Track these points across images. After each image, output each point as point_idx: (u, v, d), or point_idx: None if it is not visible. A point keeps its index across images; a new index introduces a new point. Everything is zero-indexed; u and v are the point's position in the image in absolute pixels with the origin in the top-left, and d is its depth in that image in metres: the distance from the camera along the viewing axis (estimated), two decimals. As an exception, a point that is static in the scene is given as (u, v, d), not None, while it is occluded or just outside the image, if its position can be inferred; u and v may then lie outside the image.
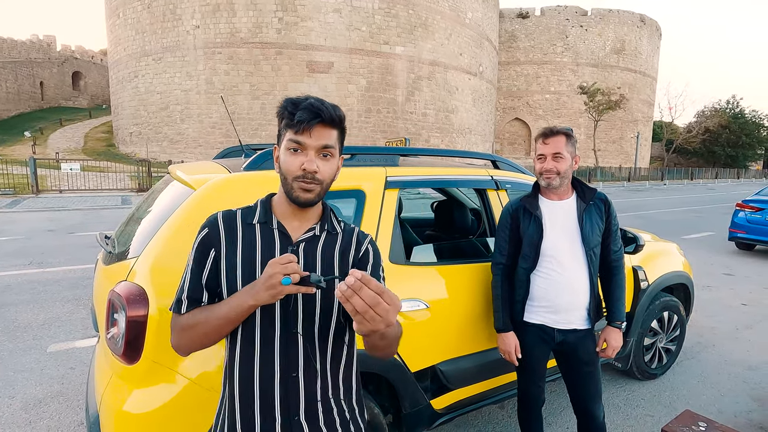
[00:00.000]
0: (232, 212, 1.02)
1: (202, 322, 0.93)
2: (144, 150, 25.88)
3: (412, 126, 28.12)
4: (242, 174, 1.73)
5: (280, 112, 0.95)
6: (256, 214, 1.01)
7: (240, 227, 1.00)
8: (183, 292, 0.98)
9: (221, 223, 1.00)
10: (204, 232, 1.00)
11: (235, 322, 0.92)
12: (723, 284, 5.77)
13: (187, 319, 0.96)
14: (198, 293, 0.98)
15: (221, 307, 0.92)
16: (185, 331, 0.95)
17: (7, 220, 9.86)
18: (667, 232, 9.58)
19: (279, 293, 0.84)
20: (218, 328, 0.92)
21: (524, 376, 1.98)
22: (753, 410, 2.79)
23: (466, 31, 30.90)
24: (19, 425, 2.49)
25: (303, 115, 0.91)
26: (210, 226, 1.01)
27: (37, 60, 41.80)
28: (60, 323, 3.94)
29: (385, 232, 1.92)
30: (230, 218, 1.01)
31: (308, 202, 0.96)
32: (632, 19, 43.69)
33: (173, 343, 0.98)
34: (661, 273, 2.96)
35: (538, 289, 1.84)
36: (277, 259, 0.86)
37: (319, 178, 0.94)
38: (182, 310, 0.97)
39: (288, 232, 1.00)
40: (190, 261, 1.00)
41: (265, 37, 24.47)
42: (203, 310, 0.95)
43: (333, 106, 0.94)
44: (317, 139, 0.93)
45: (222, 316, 0.91)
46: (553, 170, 1.74)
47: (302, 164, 0.93)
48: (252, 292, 0.87)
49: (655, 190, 26.84)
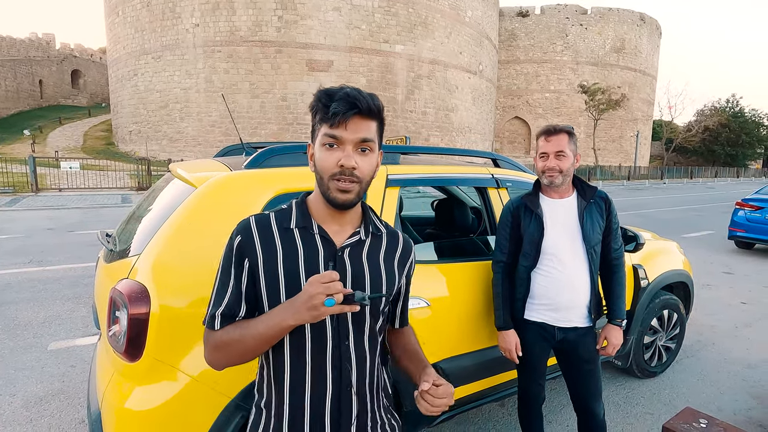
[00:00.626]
0: (265, 216, 0.94)
1: (237, 341, 0.86)
2: (143, 148, 25.86)
3: (411, 124, 28.11)
4: (243, 172, 1.73)
5: (314, 106, 0.87)
6: (292, 218, 0.93)
7: (277, 233, 0.92)
8: (218, 307, 0.90)
9: (255, 228, 0.92)
10: (237, 240, 0.91)
11: (273, 341, 0.86)
12: (722, 283, 5.78)
13: (221, 336, 0.88)
14: (234, 308, 0.90)
15: (257, 325, 0.85)
16: (220, 350, 0.88)
17: (7, 218, 9.86)
18: (666, 230, 9.59)
19: (321, 315, 0.79)
20: (255, 347, 0.86)
21: (525, 374, 1.98)
22: (752, 408, 2.80)
23: (466, 30, 30.87)
24: (20, 423, 2.49)
25: (338, 107, 0.83)
26: (243, 232, 0.92)
27: (36, 58, 41.73)
28: (60, 321, 3.94)
29: (386, 230, 1.92)
30: (264, 223, 0.93)
31: (347, 203, 0.88)
32: (632, 17, 43.66)
33: (207, 359, 0.91)
34: (661, 271, 2.97)
35: (539, 287, 1.84)
36: (318, 278, 0.79)
37: (358, 176, 0.87)
38: (216, 326, 0.89)
39: (329, 236, 0.92)
40: (222, 273, 0.92)
41: (265, 35, 24.44)
42: (238, 327, 0.87)
43: (371, 96, 0.87)
44: (354, 132, 0.85)
45: (259, 335, 0.84)
46: (556, 168, 1.74)
47: (339, 160, 0.85)
48: (292, 310, 0.81)
49: (654, 188, 26.85)
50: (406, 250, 1.03)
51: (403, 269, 1.02)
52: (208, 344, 0.91)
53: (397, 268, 1.00)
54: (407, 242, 1.04)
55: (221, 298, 0.90)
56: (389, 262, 0.98)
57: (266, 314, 0.86)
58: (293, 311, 0.81)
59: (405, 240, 1.04)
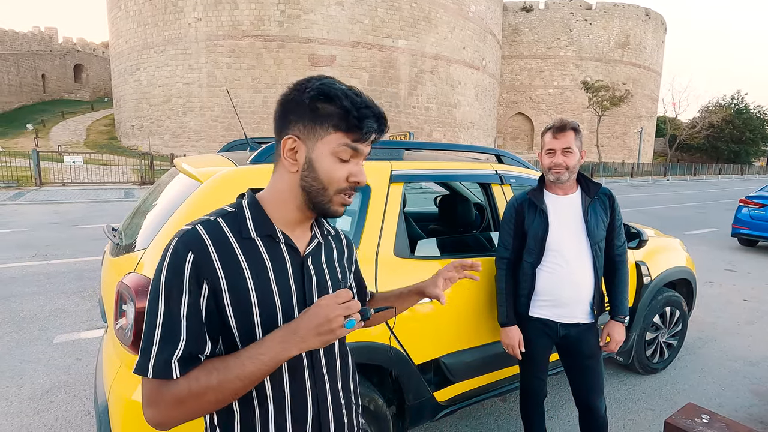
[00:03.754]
0: (214, 223, 0.77)
1: (214, 389, 0.69)
2: (146, 143, 25.89)
3: (414, 120, 28.03)
4: (249, 167, 1.74)
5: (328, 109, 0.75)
6: (249, 225, 0.78)
7: (236, 244, 0.76)
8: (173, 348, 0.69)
9: (208, 241, 0.74)
10: (189, 257, 0.71)
11: (260, 379, 0.71)
12: (725, 280, 5.78)
13: (189, 387, 0.69)
14: (196, 346, 0.71)
15: (245, 363, 0.69)
16: (185, 403, 0.69)
17: (12, 212, 9.90)
18: (669, 227, 9.56)
19: (336, 338, 0.69)
20: (238, 390, 0.70)
21: (527, 370, 1.99)
22: (753, 405, 2.81)
23: (469, 25, 30.68)
24: (27, 414, 2.52)
25: (374, 125, 0.76)
26: (194, 246, 0.72)
27: (38, 52, 41.74)
28: (65, 315, 3.98)
29: (389, 226, 1.93)
30: (217, 233, 0.75)
31: (342, 215, 0.83)
32: (637, 13, 43.31)
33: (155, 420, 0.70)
34: (663, 268, 2.97)
35: (543, 284, 1.85)
36: (333, 299, 0.69)
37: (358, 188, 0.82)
38: (174, 374, 0.69)
39: (295, 244, 0.82)
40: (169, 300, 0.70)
41: (268, 30, 24.35)
42: (211, 371, 0.69)
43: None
44: (367, 146, 0.80)
45: (247, 375, 0.69)
46: (563, 165, 1.74)
47: (353, 176, 0.78)
48: (296, 339, 0.69)
49: (658, 185, 26.75)
50: (350, 247, 0.99)
51: (351, 270, 0.97)
52: (162, 400, 0.69)
53: (347, 269, 0.95)
54: (349, 240, 1.00)
55: (173, 336, 0.69)
56: (341, 263, 0.92)
57: (252, 349, 0.70)
58: (297, 340, 0.69)
59: (348, 238, 0.99)
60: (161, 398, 0.69)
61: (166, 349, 0.70)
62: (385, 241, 1.90)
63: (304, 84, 0.77)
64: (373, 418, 1.83)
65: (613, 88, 34.61)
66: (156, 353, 0.70)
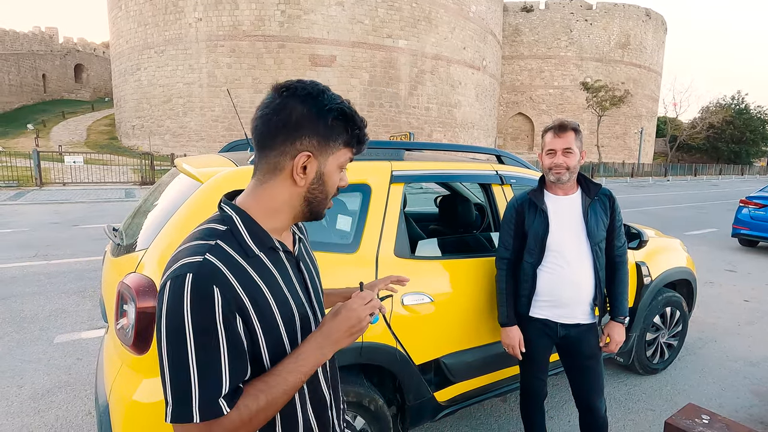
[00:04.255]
0: (219, 249, 0.73)
1: (263, 410, 0.71)
2: (146, 143, 25.90)
3: (414, 120, 28.03)
4: (250, 167, 1.74)
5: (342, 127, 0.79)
6: (247, 241, 0.77)
7: (246, 265, 0.75)
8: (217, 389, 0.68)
9: (226, 271, 0.71)
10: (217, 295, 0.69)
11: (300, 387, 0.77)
12: (725, 280, 5.77)
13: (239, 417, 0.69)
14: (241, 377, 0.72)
15: (287, 379, 0.72)
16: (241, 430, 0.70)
17: (12, 212, 9.91)
18: (670, 228, 9.56)
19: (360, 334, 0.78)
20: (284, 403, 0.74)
21: (527, 370, 1.99)
22: (754, 405, 2.81)
23: (469, 25, 30.69)
24: (28, 414, 2.53)
25: (365, 137, 0.84)
26: (218, 281, 0.70)
27: (39, 52, 41.78)
28: (66, 315, 3.98)
29: (390, 226, 1.93)
30: (228, 259, 0.73)
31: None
32: (637, 13, 43.31)
33: None
34: (664, 269, 2.97)
35: (543, 284, 1.85)
36: (359, 300, 0.77)
37: None
38: (225, 411, 0.68)
39: (288, 248, 0.86)
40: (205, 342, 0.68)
41: (268, 30, 24.36)
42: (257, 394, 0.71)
43: None
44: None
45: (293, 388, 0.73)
46: (563, 165, 1.74)
47: (342, 182, 0.86)
48: (330, 341, 0.75)
49: (658, 186, 26.75)
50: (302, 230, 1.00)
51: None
52: None
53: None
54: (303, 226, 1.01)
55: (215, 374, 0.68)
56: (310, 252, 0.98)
57: (291, 363, 0.73)
58: (333, 342, 0.75)
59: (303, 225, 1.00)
60: None
61: (210, 391, 0.68)
62: (385, 242, 1.90)
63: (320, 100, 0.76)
64: (373, 419, 1.83)
65: (612, 89, 34.58)
66: (198, 397, 0.67)
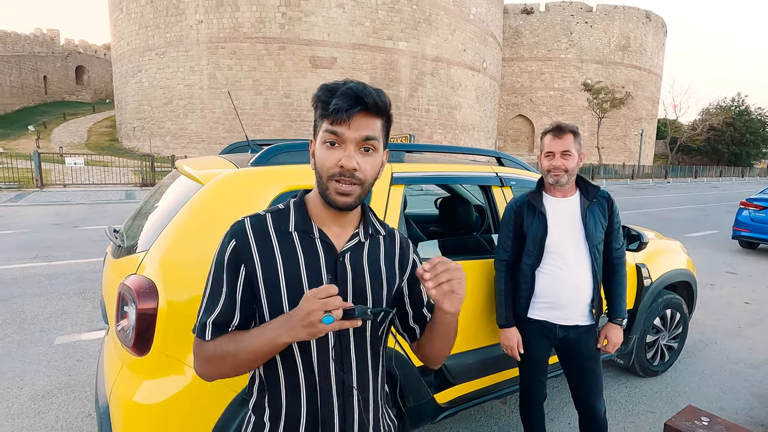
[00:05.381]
0: (261, 217, 0.88)
1: (232, 354, 0.81)
2: (147, 145, 25.93)
3: (415, 122, 28.06)
4: (250, 169, 1.74)
5: (314, 101, 0.82)
6: (291, 220, 0.87)
7: (274, 237, 0.85)
8: (209, 315, 0.83)
9: (250, 232, 0.85)
10: (231, 244, 0.84)
11: (266, 357, 0.81)
12: (726, 282, 5.77)
13: (214, 349, 0.82)
14: (227, 317, 0.84)
15: (252, 340, 0.79)
16: (212, 362, 0.83)
17: (13, 213, 9.92)
18: (670, 230, 9.56)
19: (320, 332, 0.73)
20: (248, 362, 0.81)
21: (526, 372, 1.99)
22: (754, 407, 2.81)
23: (469, 27, 30.74)
24: (28, 415, 2.53)
25: (341, 103, 0.77)
26: (237, 236, 0.85)
27: (40, 54, 41.86)
28: (66, 316, 3.98)
29: (390, 228, 1.93)
30: (261, 226, 0.86)
31: (346, 206, 0.83)
32: (638, 15, 43.37)
33: (197, 370, 0.86)
34: (664, 271, 2.97)
35: (542, 286, 1.85)
36: (314, 293, 0.73)
37: (360, 177, 0.81)
38: (207, 336, 0.83)
39: (330, 240, 0.86)
40: (214, 278, 0.85)
41: (269, 32, 24.41)
42: (231, 340, 0.82)
43: (377, 91, 0.81)
44: (357, 129, 0.79)
45: (253, 351, 0.79)
46: (562, 167, 1.75)
47: (339, 160, 0.79)
48: (287, 326, 0.76)
49: (658, 187, 26.74)
50: (404, 250, 0.97)
51: (404, 272, 0.95)
52: (199, 355, 0.85)
53: (398, 271, 0.94)
54: (405, 242, 0.98)
55: (213, 305, 0.84)
56: (389, 265, 0.92)
57: (261, 328, 0.80)
58: (288, 328, 0.75)
59: (403, 240, 0.98)
60: (198, 354, 0.85)
61: (205, 315, 0.84)
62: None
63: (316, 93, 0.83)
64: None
65: (613, 90, 34.61)
66: (200, 317, 0.85)
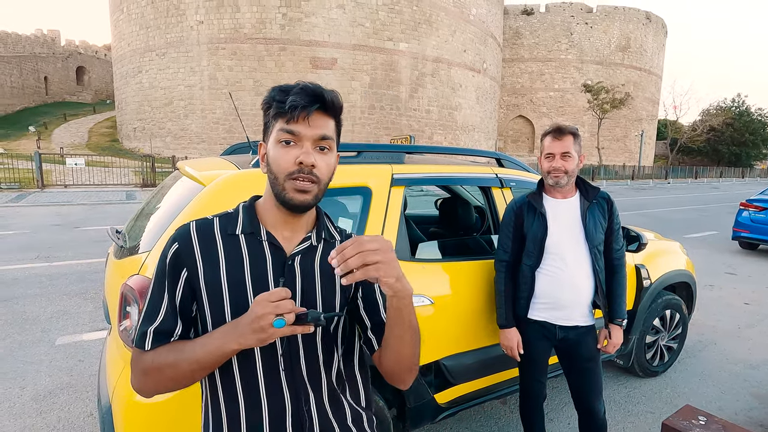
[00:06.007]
0: (208, 221, 0.86)
1: (170, 365, 0.76)
2: (147, 145, 25.96)
3: (415, 123, 28.08)
4: (251, 170, 1.76)
5: (267, 101, 0.81)
6: (238, 223, 0.85)
7: (220, 239, 0.83)
8: (150, 324, 0.79)
9: (194, 235, 0.83)
10: (173, 248, 0.82)
11: (211, 368, 0.76)
12: (726, 283, 5.78)
13: (153, 360, 0.77)
14: (169, 324, 0.80)
15: (195, 348, 0.75)
16: (149, 375, 0.77)
17: (14, 214, 9.94)
18: (670, 230, 9.57)
19: (270, 337, 0.70)
20: (190, 374, 0.76)
21: (526, 372, 2.00)
22: (753, 408, 2.81)
23: (470, 28, 30.77)
24: (30, 415, 2.54)
25: (298, 100, 0.76)
26: (180, 239, 0.82)
27: (41, 55, 41.91)
28: (68, 316, 3.99)
29: (390, 229, 1.95)
30: (206, 229, 0.84)
31: (304, 204, 0.80)
32: (638, 16, 43.39)
33: (134, 385, 0.80)
34: (663, 271, 2.98)
35: (542, 286, 1.86)
36: (266, 296, 0.70)
37: (317, 175, 0.80)
38: (146, 346, 0.78)
39: (279, 243, 0.84)
40: (155, 284, 0.82)
41: (269, 33, 24.44)
42: (171, 350, 0.77)
43: (332, 91, 0.80)
44: (315, 128, 0.79)
45: (196, 360, 0.74)
46: (562, 169, 1.76)
47: (297, 158, 0.78)
48: (235, 333, 0.72)
49: (659, 188, 26.74)
50: None
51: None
52: (136, 368, 0.79)
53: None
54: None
55: (155, 313, 0.80)
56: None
57: (205, 337, 0.76)
58: (236, 334, 0.71)
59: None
60: (135, 366, 0.80)
61: (145, 324, 0.80)
62: (386, 244, 1.91)
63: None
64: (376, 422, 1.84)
65: (613, 91, 34.63)
66: (140, 325, 0.81)
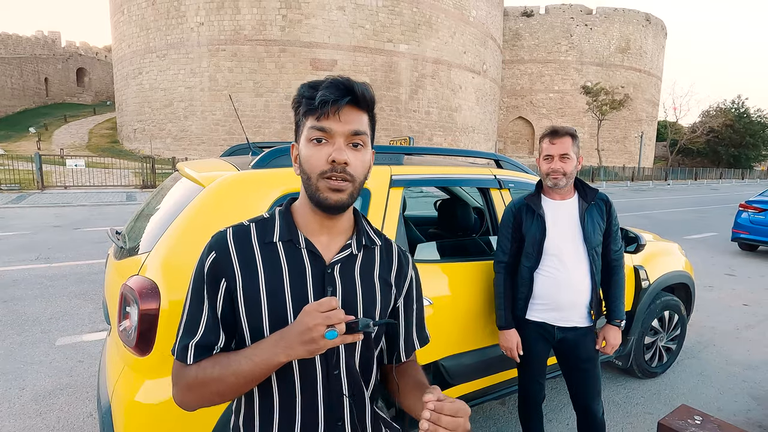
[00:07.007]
0: (244, 228, 0.83)
1: (216, 380, 0.74)
2: (148, 146, 25.98)
3: (415, 124, 28.10)
4: (251, 172, 1.76)
5: (296, 99, 0.78)
6: (275, 230, 0.82)
7: (257, 248, 0.80)
8: (192, 337, 0.77)
9: (232, 243, 0.80)
10: (211, 256, 0.79)
11: (258, 380, 0.74)
12: (725, 284, 5.78)
13: (197, 374, 0.75)
14: (210, 337, 0.77)
15: (241, 362, 0.72)
16: (193, 390, 0.75)
17: (14, 215, 9.94)
18: (669, 232, 9.57)
19: (321, 348, 0.68)
20: (236, 387, 0.74)
21: (525, 373, 2.01)
22: (752, 409, 2.82)
23: (470, 29, 30.82)
24: (30, 416, 2.54)
25: (328, 94, 0.72)
26: (217, 247, 0.80)
27: (41, 56, 41.97)
28: (67, 317, 4.00)
29: (389, 230, 1.95)
30: (243, 237, 0.81)
31: (339, 204, 0.76)
32: (637, 18, 43.46)
33: (177, 399, 0.78)
34: (662, 273, 2.99)
35: (540, 288, 1.87)
36: (315, 306, 0.68)
37: (351, 173, 0.75)
38: (189, 360, 0.76)
39: (318, 251, 0.81)
40: (194, 295, 0.79)
41: (269, 34, 24.49)
42: (216, 363, 0.75)
43: (364, 84, 0.76)
44: (347, 123, 0.74)
45: (243, 374, 0.72)
46: (560, 171, 1.77)
47: (329, 156, 0.74)
48: (283, 344, 0.70)
49: (658, 190, 26.76)
50: (402, 264, 0.90)
51: (400, 290, 0.89)
52: (179, 382, 0.77)
53: (394, 288, 0.88)
54: (403, 255, 0.92)
55: (195, 325, 0.77)
56: (384, 280, 0.86)
57: (251, 349, 0.74)
58: (284, 346, 0.69)
59: (401, 253, 0.92)
60: (178, 380, 0.78)
61: (186, 337, 0.78)
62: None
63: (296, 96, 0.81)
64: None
65: (612, 92, 34.67)
66: (180, 338, 0.79)
